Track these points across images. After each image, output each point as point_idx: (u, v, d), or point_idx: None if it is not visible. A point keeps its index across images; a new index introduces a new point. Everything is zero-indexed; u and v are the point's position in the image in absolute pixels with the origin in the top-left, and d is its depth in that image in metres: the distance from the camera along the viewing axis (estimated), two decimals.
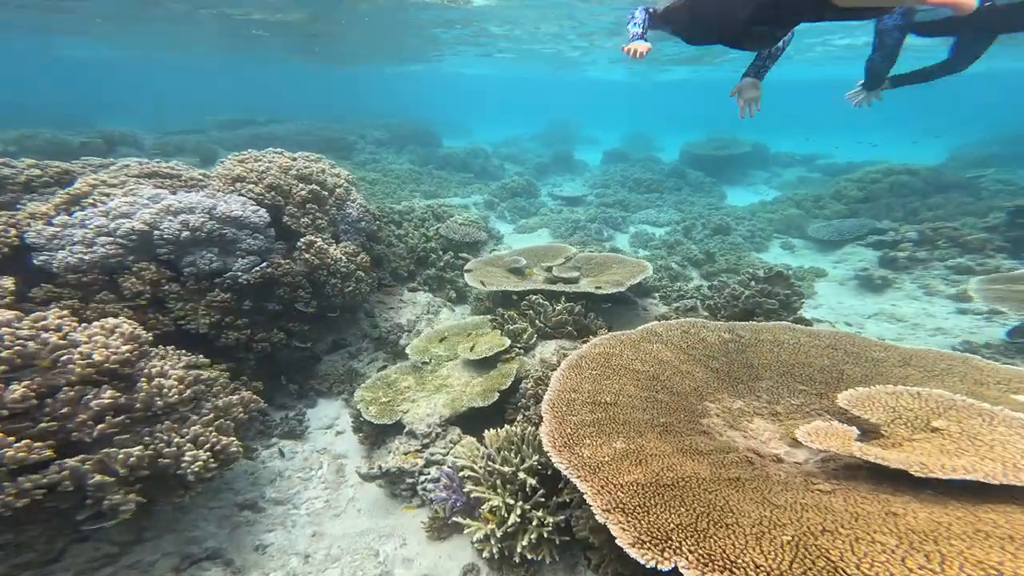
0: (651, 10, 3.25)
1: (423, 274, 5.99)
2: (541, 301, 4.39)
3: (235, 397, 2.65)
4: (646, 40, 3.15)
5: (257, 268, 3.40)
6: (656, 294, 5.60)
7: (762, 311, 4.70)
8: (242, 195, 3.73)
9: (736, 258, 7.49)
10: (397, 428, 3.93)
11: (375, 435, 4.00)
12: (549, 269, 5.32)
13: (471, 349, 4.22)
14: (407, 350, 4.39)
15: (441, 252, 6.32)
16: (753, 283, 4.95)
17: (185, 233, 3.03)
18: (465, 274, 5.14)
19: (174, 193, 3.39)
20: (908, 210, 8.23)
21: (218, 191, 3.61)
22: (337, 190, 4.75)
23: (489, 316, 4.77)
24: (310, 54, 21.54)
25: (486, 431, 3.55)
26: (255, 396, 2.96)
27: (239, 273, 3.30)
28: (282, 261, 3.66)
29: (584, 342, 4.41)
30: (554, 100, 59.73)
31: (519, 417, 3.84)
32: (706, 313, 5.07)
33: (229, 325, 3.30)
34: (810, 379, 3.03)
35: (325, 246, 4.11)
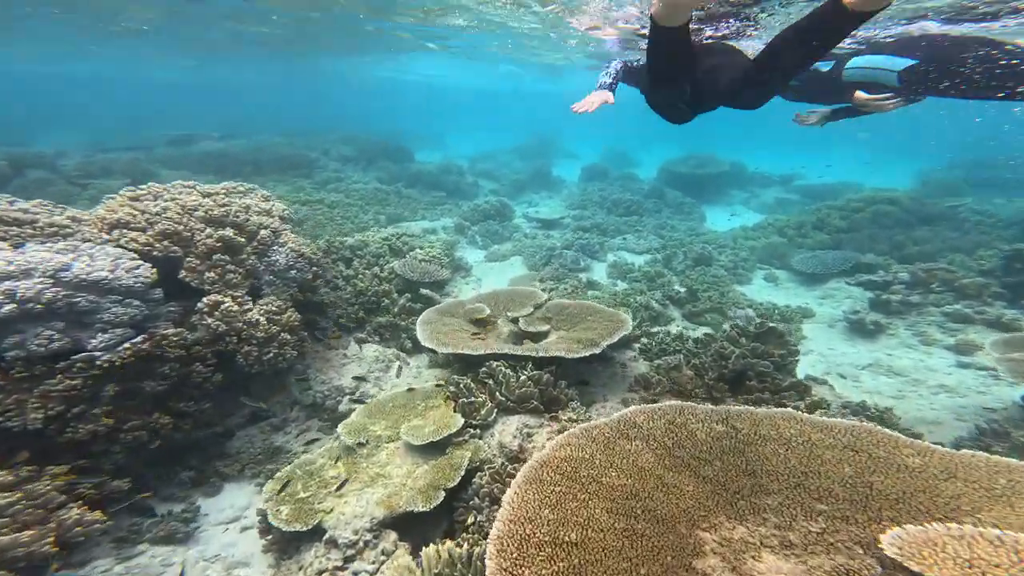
0: (628, 64, 3.22)
1: (374, 322, 5.23)
2: (503, 370, 3.70)
3: (28, 533, 1.87)
4: (613, 92, 3.14)
5: (126, 345, 2.62)
6: (636, 345, 4.98)
7: (754, 373, 4.12)
8: (121, 246, 2.95)
9: (719, 295, 6.98)
10: (317, 533, 3.16)
11: (285, 542, 3.20)
12: (515, 320, 4.65)
13: (417, 429, 3.49)
14: (339, 429, 3.62)
15: (396, 295, 5.58)
16: (744, 340, 4.37)
17: (8, 307, 2.25)
18: (418, 328, 4.41)
19: (20, 247, 2.60)
20: (893, 243, 7.91)
21: (85, 242, 2.83)
22: (262, 232, 3.99)
23: (444, 381, 4.04)
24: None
25: (424, 549, 2.82)
26: (95, 516, 2.17)
27: (97, 353, 2.52)
28: (167, 332, 2.88)
29: (552, 417, 3.74)
30: (534, 111, 59.77)
31: (470, 520, 3.12)
32: (691, 372, 4.47)
33: (79, 416, 2.50)
34: (830, 494, 2.40)
35: (235, 307, 3.34)
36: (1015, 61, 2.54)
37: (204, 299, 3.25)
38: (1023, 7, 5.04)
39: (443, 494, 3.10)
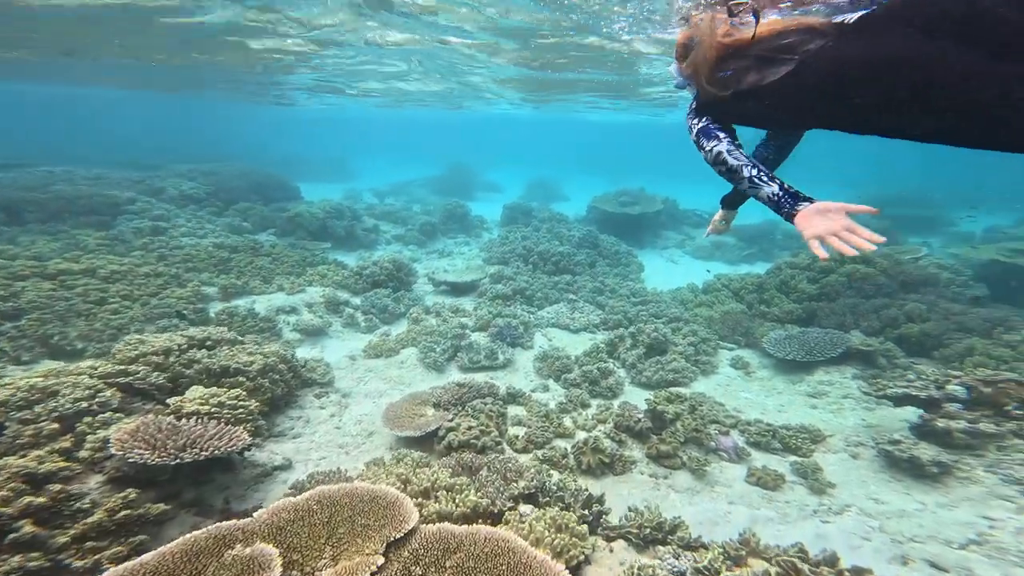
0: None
1: None
2: None
3: None
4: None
5: None
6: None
7: None
8: None
9: (689, 411, 5.06)
10: None
11: None
12: None
13: None
14: None
15: (104, 500, 2.87)
16: None
17: None
18: None
19: None
20: (884, 319, 6.66)
21: None
22: None
23: None
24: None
25: None
26: None
27: None
28: None
29: None
30: (454, 137, 58.30)
31: None
32: None
33: None
34: None
35: None
36: None
37: None
38: None
39: None
